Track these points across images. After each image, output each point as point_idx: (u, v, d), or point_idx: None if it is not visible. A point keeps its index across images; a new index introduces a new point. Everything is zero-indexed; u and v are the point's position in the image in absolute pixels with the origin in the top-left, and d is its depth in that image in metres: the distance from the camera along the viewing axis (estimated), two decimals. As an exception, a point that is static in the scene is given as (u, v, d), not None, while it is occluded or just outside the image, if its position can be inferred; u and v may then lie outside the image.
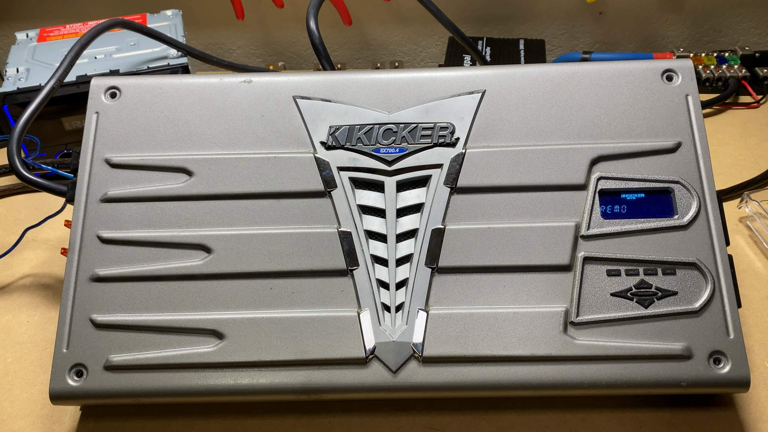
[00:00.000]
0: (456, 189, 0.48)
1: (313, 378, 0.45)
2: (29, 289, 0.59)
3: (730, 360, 0.44)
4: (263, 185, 0.49)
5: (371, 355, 0.45)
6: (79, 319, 0.46)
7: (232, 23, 0.92)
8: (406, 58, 0.95)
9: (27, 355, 0.53)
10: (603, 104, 0.50)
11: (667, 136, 0.49)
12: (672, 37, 0.91)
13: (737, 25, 0.90)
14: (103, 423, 0.48)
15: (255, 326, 0.46)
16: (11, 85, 0.70)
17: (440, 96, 0.51)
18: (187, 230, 0.48)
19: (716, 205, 0.48)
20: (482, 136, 0.50)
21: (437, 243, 0.47)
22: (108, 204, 0.49)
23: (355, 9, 0.87)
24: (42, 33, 0.80)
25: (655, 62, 0.52)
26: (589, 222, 0.47)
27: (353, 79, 0.52)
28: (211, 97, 0.52)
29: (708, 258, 0.46)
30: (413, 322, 0.46)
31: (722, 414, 0.47)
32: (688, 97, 0.50)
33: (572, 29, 0.91)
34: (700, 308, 0.45)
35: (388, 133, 0.50)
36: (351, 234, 0.48)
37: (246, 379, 0.45)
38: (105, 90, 0.52)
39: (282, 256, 0.47)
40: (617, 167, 0.49)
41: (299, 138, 0.50)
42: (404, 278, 0.47)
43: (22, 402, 0.50)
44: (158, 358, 0.45)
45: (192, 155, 0.50)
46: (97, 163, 0.50)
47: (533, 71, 0.52)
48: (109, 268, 0.47)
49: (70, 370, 0.45)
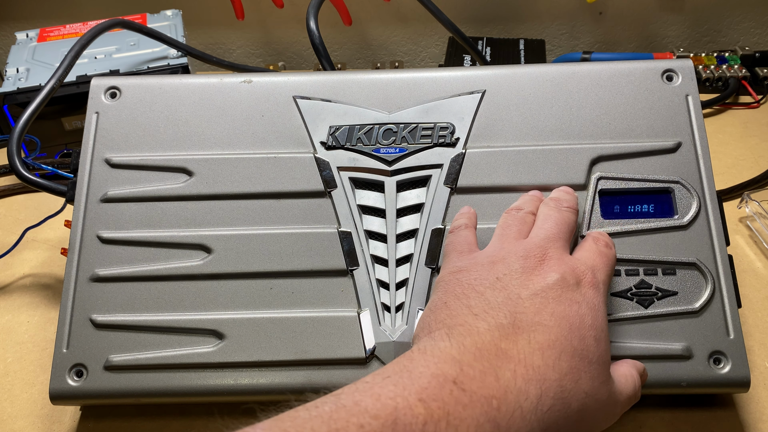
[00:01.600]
0: (456, 189, 0.48)
1: (313, 378, 0.45)
2: (29, 289, 0.59)
3: (730, 360, 0.44)
4: (263, 185, 0.49)
5: (371, 355, 0.45)
6: (79, 319, 0.46)
7: (232, 23, 0.91)
8: (406, 58, 0.95)
9: (27, 355, 0.53)
10: (603, 104, 0.50)
11: (667, 136, 0.49)
12: (672, 37, 0.91)
13: (737, 25, 0.90)
14: (103, 423, 0.48)
15: (255, 326, 0.46)
16: (11, 85, 0.70)
17: (440, 96, 0.51)
18: (187, 230, 0.48)
19: (716, 205, 0.48)
20: (482, 136, 0.50)
21: (437, 243, 0.47)
22: (108, 204, 0.49)
23: (355, 9, 0.87)
24: (42, 33, 0.80)
25: (655, 62, 0.52)
26: (589, 222, 0.47)
27: (353, 79, 0.52)
28: (211, 97, 0.52)
29: (708, 258, 0.46)
30: (413, 323, 0.46)
31: (722, 414, 0.47)
32: (688, 97, 0.50)
33: (572, 29, 0.91)
34: (700, 308, 0.45)
35: (388, 133, 0.50)
36: (351, 234, 0.48)
37: (246, 379, 0.45)
38: (105, 90, 0.52)
39: (282, 256, 0.47)
40: (617, 167, 0.49)
41: (299, 138, 0.50)
42: (404, 278, 0.47)
43: (22, 402, 0.50)
44: (158, 358, 0.45)
45: (192, 155, 0.50)
46: (97, 163, 0.50)
47: (533, 71, 0.52)
48: (109, 268, 0.47)
49: (70, 370, 0.45)
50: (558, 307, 0.38)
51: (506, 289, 0.39)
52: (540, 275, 0.39)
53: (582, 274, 0.40)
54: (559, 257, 0.41)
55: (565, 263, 0.40)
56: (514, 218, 0.44)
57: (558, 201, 0.45)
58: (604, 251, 0.43)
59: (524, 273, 0.39)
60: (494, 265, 0.40)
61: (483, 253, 0.42)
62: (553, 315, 0.37)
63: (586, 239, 0.45)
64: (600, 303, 0.40)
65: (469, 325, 0.37)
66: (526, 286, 0.39)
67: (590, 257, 0.42)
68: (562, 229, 0.43)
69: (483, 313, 0.38)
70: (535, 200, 0.46)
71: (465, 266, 0.41)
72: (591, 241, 0.44)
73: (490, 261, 0.41)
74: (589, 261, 0.42)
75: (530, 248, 0.41)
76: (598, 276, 0.41)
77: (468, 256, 0.42)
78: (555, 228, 0.43)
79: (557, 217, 0.44)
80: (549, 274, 0.39)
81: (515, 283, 0.39)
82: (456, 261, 0.42)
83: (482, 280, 0.40)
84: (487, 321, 0.37)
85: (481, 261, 0.41)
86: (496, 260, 0.41)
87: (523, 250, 0.41)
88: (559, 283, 0.39)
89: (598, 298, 0.40)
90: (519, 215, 0.45)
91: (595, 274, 0.41)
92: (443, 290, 0.40)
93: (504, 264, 0.40)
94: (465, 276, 0.40)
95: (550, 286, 0.39)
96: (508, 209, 0.46)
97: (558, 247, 0.41)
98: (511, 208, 0.46)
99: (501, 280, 0.39)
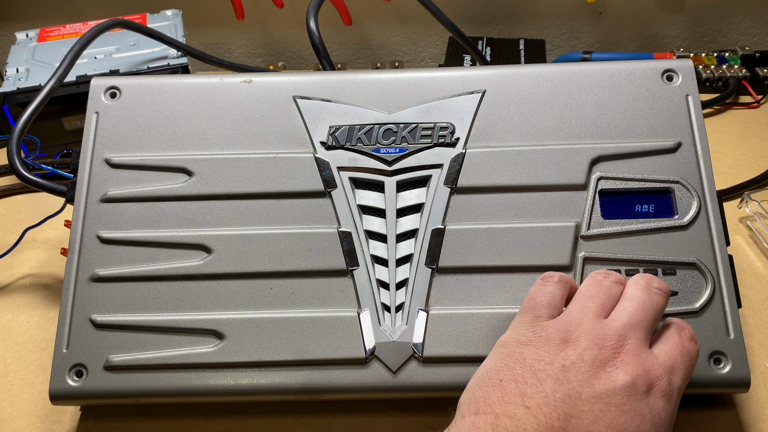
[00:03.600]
0: (456, 189, 0.48)
1: (313, 378, 0.45)
2: (29, 289, 0.59)
3: (730, 360, 0.44)
4: (263, 185, 0.49)
5: (371, 355, 0.45)
6: (79, 319, 0.46)
7: (232, 23, 0.91)
8: (406, 58, 0.95)
9: (27, 355, 0.53)
10: (603, 104, 0.50)
11: (667, 136, 0.49)
12: (672, 37, 0.91)
13: (737, 25, 0.90)
14: (103, 423, 0.48)
15: (255, 326, 0.46)
16: (11, 85, 0.70)
17: (440, 96, 0.51)
18: (187, 230, 0.48)
19: (716, 205, 0.48)
20: (482, 136, 0.50)
21: (437, 243, 0.47)
22: (108, 204, 0.49)
23: (355, 9, 0.87)
24: (42, 33, 0.80)
25: (655, 62, 0.52)
26: (589, 222, 0.47)
27: (353, 79, 0.52)
28: (211, 97, 0.52)
29: (708, 258, 0.46)
30: (413, 323, 0.46)
31: (722, 414, 0.47)
32: (688, 97, 0.50)
33: (572, 29, 0.91)
34: (700, 308, 0.45)
35: (388, 133, 0.50)
36: (351, 234, 0.48)
37: (246, 379, 0.45)
38: (105, 90, 0.52)
39: (282, 256, 0.47)
40: (617, 167, 0.49)
41: (299, 138, 0.50)
42: (404, 278, 0.47)
43: (22, 402, 0.50)
44: (158, 358, 0.45)
45: (192, 155, 0.50)
46: (97, 163, 0.50)
47: (533, 71, 0.52)
48: (109, 268, 0.47)
49: (70, 370, 0.45)
50: (619, 419, 0.35)
51: (568, 383, 0.36)
52: (609, 374, 0.36)
53: (656, 379, 0.37)
54: (636, 352, 0.37)
55: (641, 362, 0.37)
56: (600, 288, 0.41)
57: (649, 280, 0.41)
58: (687, 347, 0.39)
59: (593, 366, 0.36)
60: (565, 347, 0.37)
61: (558, 325, 0.39)
62: (610, 427, 0.35)
63: (671, 328, 0.40)
64: (667, 416, 0.36)
65: (518, 419, 0.34)
66: (591, 384, 0.36)
67: (671, 354, 0.38)
68: (647, 316, 0.39)
69: (536, 407, 0.35)
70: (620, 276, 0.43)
71: (535, 339, 0.38)
72: (675, 331, 0.40)
73: (562, 339, 0.38)
74: (668, 361, 0.38)
75: (608, 335, 0.38)
76: (674, 381, 0.37)
77: (543, 324, 0.39)
78: (640, 313, 0.39)
79: (645, 301, 0.40)
80: (619, 375, 0.36)
81: (580, 378, 0.36)
82: (528, 327, 0.39)
83: (547, 365, 0.36)
84: (538, 419, 0.34)
85: (553, 337, 0.38)
86: (569, 340, 0.38)
87: (600, 335, 0.37)
88: (628, 389, 0.36)
89: (667, 410, 0.36)
90: (605, 284, 0.41)
91: (672, 378, 0.37)
92: (504, 362, 0.38)
93: (575, 348, 0.37)
94: (531, 353, 0.37)
95: (616, 391, 0.35)
96: (595, 273, 0.42)
97: (638, 338, 0.38)
98: (598, 272, 0.42)
99: (567, 370, 0.36)
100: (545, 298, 0.41)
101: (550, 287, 0.41)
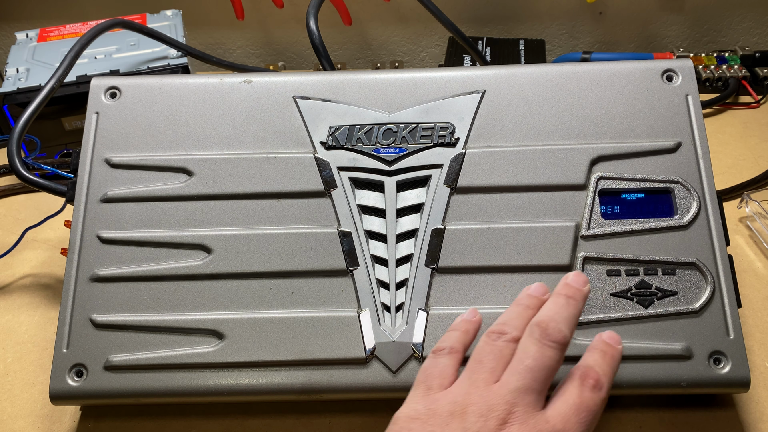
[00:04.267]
0: (456, 189, 0.48)
1: (313, 378, 0.45)
2: (29, 289, 0.59)
3: (730, 360, 0.44)
4: (263, 185, 0.49)
5: (371, 355, 0.45)
6: (79, 319, 0.46)
7: (232, 23, 0.91)
8: (406, 58, 0.95)
9: (27, 355, 0.53)
10: (603, 104, 0.50)
11: (667, 136, 0.49)
12: (672, 37, 0.91)
13: (737, 25, 0.90)
14: (103, 423, 0.48)
15: (255, 326, 0.46)
16: (11, 85, 0.70)
17: (440, 96, 0.51)
18: (187, 230, 0.48)
19: (716, 205, 0.48)
20: (482, 136, 0.50)
21: (437, 243, 0.47)
22: (108, 204, 0.49)
23: (355, 9, 0.87)
24: (42, 33, 0.80)
25: (655, 62, 0.52)
26: (589, 222, 0.47)
27: (353, 79, 0.52)
28: (211, 97, 0.52)
29: (708, 258, 0.46)
30: (413, 322, 0.46)
31: (722, 414, 0.47)
32: (688, 97, 0.50)
33: (572, 29, 0.91)
34: (700, 308, 0.45)
35: (388, 133, 0.50)
36: (351, 234, 0.48)
37: (246, 379, 0.45)
38: (105, 90, 0.52)
39: (282, 256, 0.47)
40: (617, 167, 0.49)
41: (299, 138, 0.50)
42: (404, 278, 0.47)
43: (22, 402, 0.50)
44: (158, 358, 0.45)
45: (192, 155, 0.50)
46: (97, 163, 0.50)
47: (533, 71, 0.52)
48: (109, 268, 0.47)
49: (70, 370, 0.45)
50: None
51: None
52: None
53: None
54: (524, 419, 0.36)
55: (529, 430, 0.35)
56: (491, 350, 0.39)
57: (544, 329, 0.38)
58: (587, 400, 0.37)
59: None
60: (452, 421, 0.36)
61: (448, 397, 0.37)
62: None
63: (573, 379, 0.38)
64: None
65: None
66: None
67: (564, 414, 0.37)
68: (538, 376, 0.37)
69: None
70: (523, 317, 0.40)
71: (423, 414, 0.37)
72: (576, 383, 0.38)
73: (449, 412, 0.36)
74: (559, 423, 0.36)
75: (495, 404, 0.36)
76: None
77: (433, 397, 0.38)
78: (529, 375, 0.37)
79: (537, 358, 0.38)
80: None
81: None
82: (419, 401, 0.38)
83: None
84: None
85: (441, 410, 0.37)
86: (456, 413, 0.36)
87: (487, 405, 0.36)
88: None
89: None
90: (498, 345, 0.39)
91: None
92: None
93: (462, 422, 0.36)
94: (418, 428, 0.36)
95: None
96: (490, 330, 0.40)
97: (527, 403, 0.36)
98: (492, 330, 0.40)
99: None
100: (436, 369, 0.39)
101: (442, 359, 0.40)
